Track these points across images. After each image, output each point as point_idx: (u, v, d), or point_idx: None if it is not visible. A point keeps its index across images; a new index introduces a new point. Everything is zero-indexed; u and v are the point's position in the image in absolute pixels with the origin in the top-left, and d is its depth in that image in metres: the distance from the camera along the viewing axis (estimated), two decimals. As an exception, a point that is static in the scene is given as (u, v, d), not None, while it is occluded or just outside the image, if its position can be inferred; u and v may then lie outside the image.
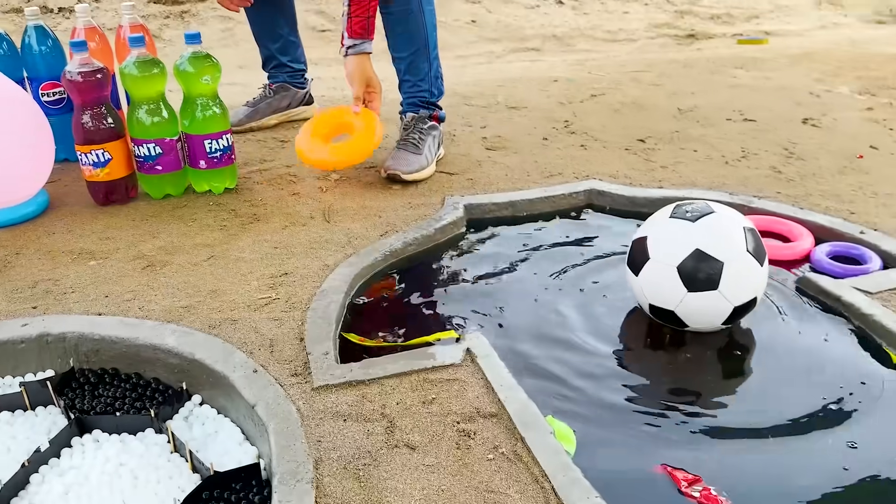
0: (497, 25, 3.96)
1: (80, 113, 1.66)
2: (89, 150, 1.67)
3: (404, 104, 2.09)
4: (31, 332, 1.25)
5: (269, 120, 2.33)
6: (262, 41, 2.35)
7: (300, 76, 2.39)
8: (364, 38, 1.85)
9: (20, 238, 1.60)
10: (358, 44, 1.85)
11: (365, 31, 1.84)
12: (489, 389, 1.12)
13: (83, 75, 1.63)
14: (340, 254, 1.54)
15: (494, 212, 1.78)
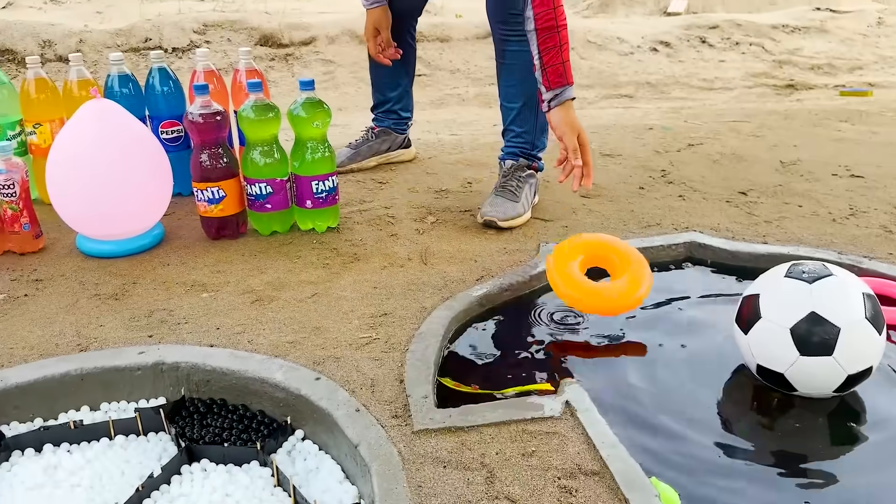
0: (590, 72, 3.97)
1: (199, 152, 1.76)
2: (205, 187, 1.76)
3: (505, 151, 2.11)
4: (148, 360, 1.32)
5: (368, 162, 2.40)
6: (380, 88, 2.41)
7: (404, 123, 2.45)
8: (563, 85, 1.78)
9: (137, 268, 1.69)
10: (559, 92, 1.78)
11: (562, 77, 1.77)
12: (590, 446, 1.10)
13: (204, 117, 1.73)
14: (437, 297, 1.57)
15: (591, 261, 1.77)
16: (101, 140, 1.64)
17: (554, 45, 1.75)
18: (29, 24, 4.07)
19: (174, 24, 4.05)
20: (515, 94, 2.03)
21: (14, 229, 1.72)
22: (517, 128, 2.07)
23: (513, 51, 1.97)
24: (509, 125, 2.09)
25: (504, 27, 1.96)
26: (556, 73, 1.76)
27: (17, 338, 1.40)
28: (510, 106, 2.06)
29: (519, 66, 1.96)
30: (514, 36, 1.94)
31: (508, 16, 1.92)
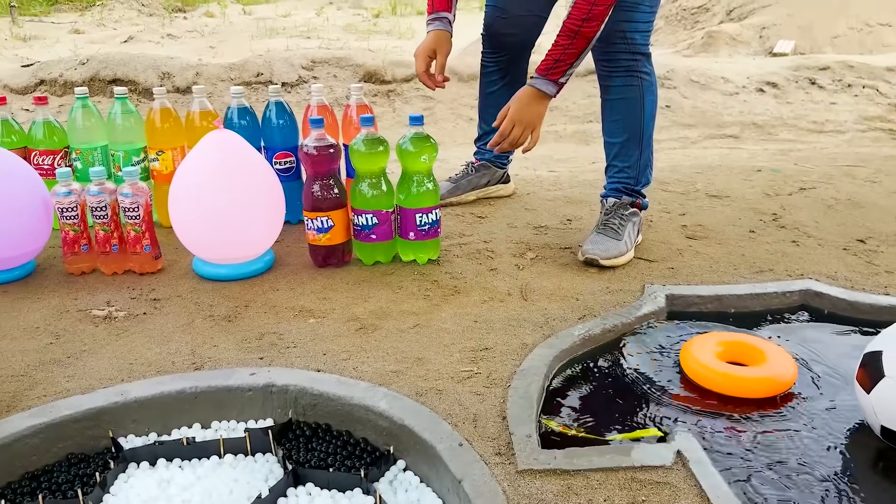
0: (693, 111, 3.89)
1: (312, 183, 1.82)
2: (315, 216, 1.81)
3: (607, 188, 2.09)
4: (258, 382, 1.36)
5: (468, 196, 2.42)
6: (487, 119, 2.40)
7: (505, 157, 2.46)
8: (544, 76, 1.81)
9: (249, 291, 1.75)
10: (537, 78, 1.83)
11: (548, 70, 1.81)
12: (704, 499, 1.06)
13: (318, 149, 1.79)
14: (538, 333, 1.55)
15: (698, 305, 1.71)
16: (222, 168, 1.73)
17: (563, 44, 1.79)
18: (150, 58, 4.34)
19: (284, 59, 4.23)
20: (618, 129, 2.02)
21: (136, 250, 1.82)
22: (620, 163, 2.05)
23: (616, 86, 1.97)
24: (612, 160, 2.07)
25: (606, 63, 1.97)
26: (547, 63, 1.82)
27: (136, 354, 1.48)
28: (613, 141, 2.05)
29: (622, 101, 1.97)
30: (617, 72, 1.95)
31: (609, 53, 1.93)
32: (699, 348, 1.47)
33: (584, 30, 1.76)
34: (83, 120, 2.10)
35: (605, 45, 1.93)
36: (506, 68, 2.28)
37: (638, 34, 1.92)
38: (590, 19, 1.75)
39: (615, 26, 1.87)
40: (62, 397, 1.32)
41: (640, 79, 1.96)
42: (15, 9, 7.89)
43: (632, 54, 1.93)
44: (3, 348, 1.50)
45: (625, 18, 1.88)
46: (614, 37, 1.89)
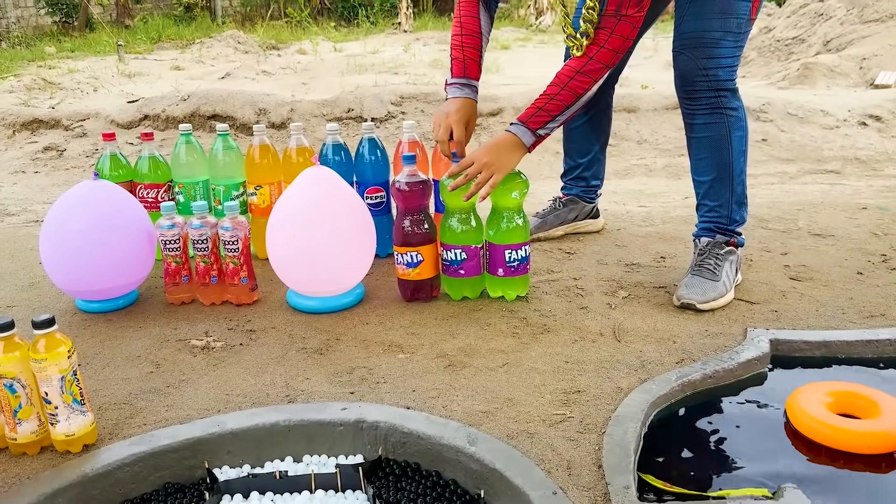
0: (791, 145, 3.75)
1: (402, 218, 1.83)
2: (405, 251, 1.82)
3: (700, 227, 2.01)
4: (350, 417, 1.36)
5: (555, 231, 2.39)
6: (571, 153, 2.40)
7: (593, 192, 2.42)
8: (524, 123, 1.80)
9: (340, 325, 1.77)
10: (516, 124, 1.80)
11: (529, 117, 1.79)
12: (820, 564, 0.98)
13: (410, 185, 1.81)
14: (634, 377, 1.50)
15: (805, 351, 1.62)
16: (318, 204, 1.76)
17: (550, 94, 1.78)
18: (247, 94, 4.53)
19: (374, 96, 4.33)
20: (706, 167, 1.95)
21: (233, 282, 1.87)
22: (710, 202, 1.97)
23: (700, 124, 1.91)
24: (702, 199, 2.00)
25: (689, 102, 1.92)
26: (529, 110, 1.80)
27: (232, 384, 1.51)
28: (701, 180, 1.98)
29: (707, 139, 1.91)
30: (701, 110, 1.89)
31: (690, 91, 1.89)
32: (807, 399, 1.38)
33: (574, 83, 1.75)
34: (186, 155, 2.20)
35: (686, 83, 1.89)
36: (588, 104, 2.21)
37: (721, 70, 1.84)
38: (583, 73, 1.75)
39: (696, 63, 1.84)
40: (161, 426, 1.36)
41: (725, 115, 1.89)
42: (122, 47, 8.41)
43: (715, 91, 1.86)
44: (107, 376, 1.56)
45: (706, 55, 1.82)
46: (696, 74, 1.85)
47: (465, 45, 1.92)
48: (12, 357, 1.24)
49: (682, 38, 1.87)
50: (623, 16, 1.70)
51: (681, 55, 1.88)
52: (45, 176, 3.98)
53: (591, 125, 2.32)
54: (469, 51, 1.92)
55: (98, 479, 1.24)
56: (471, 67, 1.93)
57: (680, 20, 1.86)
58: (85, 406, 1.29)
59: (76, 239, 1.77)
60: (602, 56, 1.74)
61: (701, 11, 1.82)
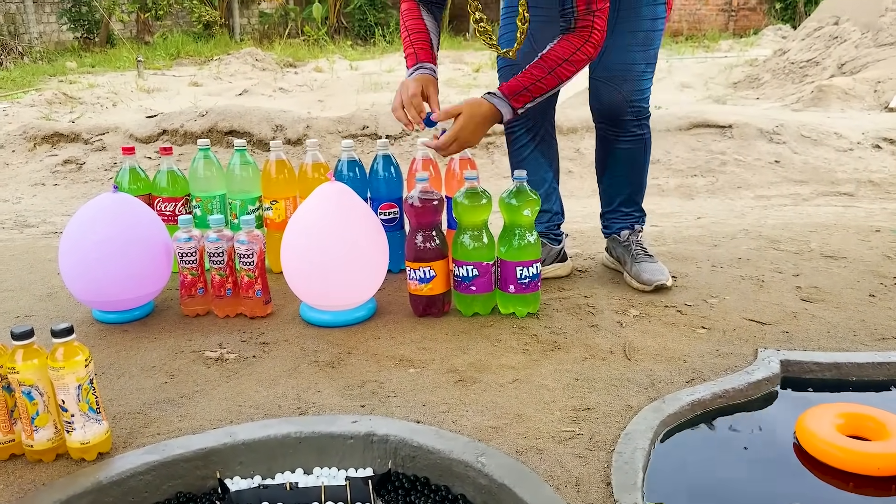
0: (804, 167, 3.75)
1: (415, 233, 1.85)
2: (417, 266, 1.84)
3: (615, 227, 2.19)
4: (360, 430, 1.37)
5: None
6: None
7: (556, 228, 2.21)
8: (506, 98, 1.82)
9: (352, 338, 1.79)
10: (498, 97, 1.83)
11: (512, 95, 1.82)
12: (828, 585, 0.98)
13: (422, 202, 1.83)
14: (643, 396, 1.50)
15: (815, 372, 1.62)
16: (333, 219, 1.78)
17: (536, 76, 1.81)
18: (264, 111, 4.59)
19: (389, 113, 4.38)
20: (624, 184, 2.15)
21: (248, 295, 1.90)
22: (626, 208, 2.18)
23: (623, 149, 2.09)
24: (618, 206, 2.19)
25: (614, 130, 2.08)
26: (514, 88, 1.82)
27: (245, 396, 1.52)
28: (618, 195, 2.17)
29: (628, 160, 2.12)
30: (624, 136, 2.06)
31: (618, 121, 2.04)
32: (817, 420, 1.38)
33: (560, 70, 1.81)
34: (204, 169, 2.23)
35: (612, 114, 2.04)
36: (533, 129, 2.12)
37: (643, 100, 2.02)
38: (570, 62, 1.80)
39: (622, 96, 1.99)
40: (174, 436, 1.38)
41: (643, 140, 2.08)
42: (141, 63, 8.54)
43: (638, 120, 2.05)
44: (122, 386, 1.59)
45: (631, 88, 1.98)
46: (622, 106, 2.00)
47: (414, 40, 1.96)
48: (31, 365, 1.26)
49: (606, 69, 1.98)
50: (595, 11, 1.76)
51: (605, 86, 2.00)
52: (64, 188, 4.04)
53: (541, 150, 2.15)
54: (418, 43, 1.95)
55: (111, 487, 1.26)
56: (422, 54, 1.94)
57: (603, 50, 1.90)
58: (100, 414, 1.31)
59: (95, 250, 1.80)
60: (587, 50, 1.80)
61: (625, 44, 1.94)
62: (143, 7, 11.64)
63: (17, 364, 1.26)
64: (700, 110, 4.40)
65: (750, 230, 2.70)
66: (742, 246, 2.49)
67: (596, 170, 2.23)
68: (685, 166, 3.86)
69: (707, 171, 3.77)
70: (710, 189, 3.61)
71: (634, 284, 2.08)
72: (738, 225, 2.83)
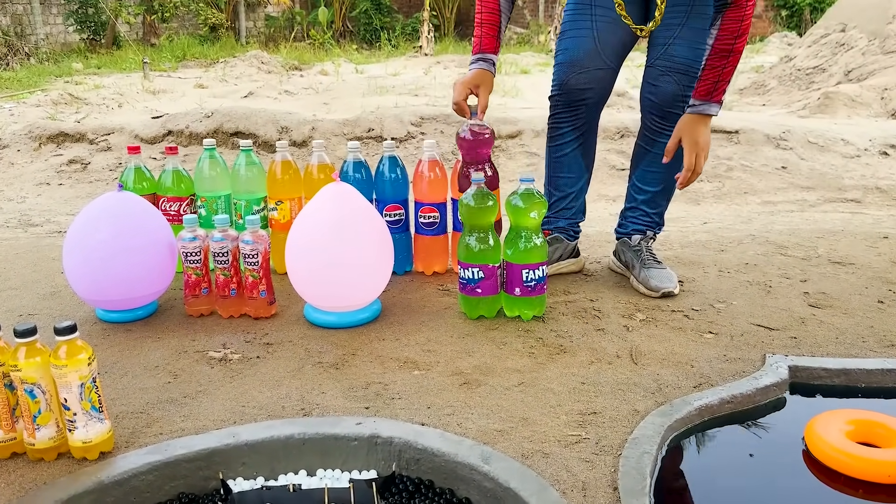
0: (811, 173, 3.73)
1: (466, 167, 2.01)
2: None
3: (629, 227, 2.18)
4: (364, 432, 1.36)
5: None
6: (559, 184, 2.19)
7: (576, 226, 2.25)
8: (707, 100, 1.89)
9: (356, 340, 1.78)
10: (699, 104, 1.91)
11: (709, 94, 1.89)
12: None
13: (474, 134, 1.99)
14: (650, 401, 1.49)
15: (824, 378, 1.60)
16: (338, 220, 1.77)
17: (719, 65, 1.85)
18: (270, 112, 4.58)
19: (394, 116, 4.37)
20: (656, 179, 2.12)
21: (252, 295, 1.89)
22: (648, 209, 2.16)
23: (664, 142, 2.03)
24: (640, 205, 2.18)
25: (662, 122, 2.05)
26: (707, 86, 1.87)
27: (248, 397, 1.51)
28: (647, 189, 2.15)
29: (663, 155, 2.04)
30: (668, 130, 2.02)
31: (668, 113, 2.02)
32: (826, 426, 1.37)
33: (736, 46, 1.83)
34: (209, 169, 2.23)
35: (665, 105, 2.02)
36: (581, 128, 2.10)
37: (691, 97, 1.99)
38: (741, 35, 1.83)
39: (680, 89, 1.99)
40: (177, 436, 1.37)
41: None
42: (147, 64, 8.55)
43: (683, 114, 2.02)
44: (125, 385, 1.58)
45: (689, 83, 1.98)
46: (677, 99, 2.00)
47: (484, 21, 2.00)
48: (34, 363, 1.25)
49: (670, 59, 1.98)
50: None
51: (665, 76, 2.00)
52: (69, 188, 4.04)
53: (583, 150, 2.14)
54: (486, 27, 2.00)
55: (113, 486, 1.25)
56: (487, 43, 2.01)
57: (670, 41, 1.94)
58: (103, 414, 1.30)
59: (99, 249, 1.79)
60: (748, 14, 1.80)
61: (694, 40, 1.94)
62: (149, 9, 11.66)
63: (19, 362, 1.25)
64: (706, 116, 4.38)
65: (757, 235, 2.69)
66: (749, 251, 2.47)
67: (630, 163, 2.20)
68: (691, 171, 3.85)
69: (713, 176, 3.75)
70: (716, 194, 3.59)
71: (642, 290, 2.07)
72: (744, 230, 2.82)
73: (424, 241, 2.22)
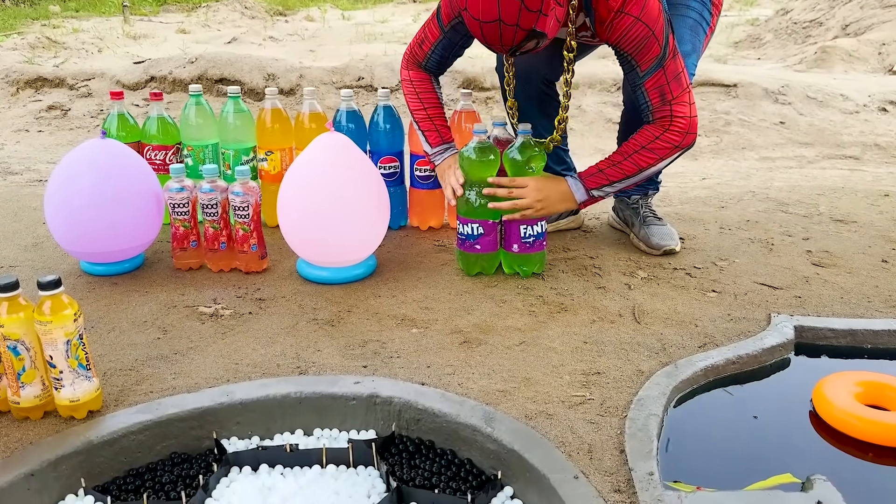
0: (809, 129, 3.67)
1: None
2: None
3: (627, 191, 2.08)
4: (363, 392, 1.32)
5: None
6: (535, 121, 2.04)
7: None
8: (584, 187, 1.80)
9: (351, 296, 1.73)
10: (578, 186, 1.81)
11: (591, 178, 1.79)
12: (855, 561, 0.94)
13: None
14: (654, 360, 1.45)
15: (830, 339, 1.57)
16: (334, 171, 1.70)
17: (613, 160, 1.76)
18: (256, 59, 4.44)
19: (385, 65, 4.25)
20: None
21: (243, 249, 1.82)
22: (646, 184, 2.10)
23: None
24: None
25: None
26: (591, 169, 1.79)
27: (241, 354, 1.46)
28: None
29: None
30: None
31: None
32: (835, 389, 1.34)
33: (638, 157, 1.74)
34: (196, 117, 2.14)
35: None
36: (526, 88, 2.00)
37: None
38: (648, 149, 1.73)
39: None
40: (168, 395, 1.32)
41: None
42: (127, 8, 8.28)
43: None
44: (112, 341, 1.52)
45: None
46: None
47: (432, 115, 1.95)
48: (16, 318, 1.19)
49: None
50: (672, 100, 1.69)
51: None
52: (48, 135, 3.91)
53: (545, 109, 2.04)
54: (438, 119, 1.95)
55: (103, 446, 1.20)
56: (444, 133, 1.95)
57: None
58: (90, 371, 1.25)
59: (82, 198, 1.72)
60: (669, 138, 1.71)
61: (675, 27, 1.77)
62: (128, -50, 11.25)
63: (1, 317, 1.18)
64: (704, 69, 4.30)
65: (757, 192, 2.64)
66: (750, 208, 2.43)
67: (618, 134, 2.12)
68: (688, 126, 3.78)
69: (711, 130, 3.69)
70: (714, 149, 3.54)
71: (642, 247, 2.02)
72: (744, 186, 2.77)
73: (420, 195, 2.16)
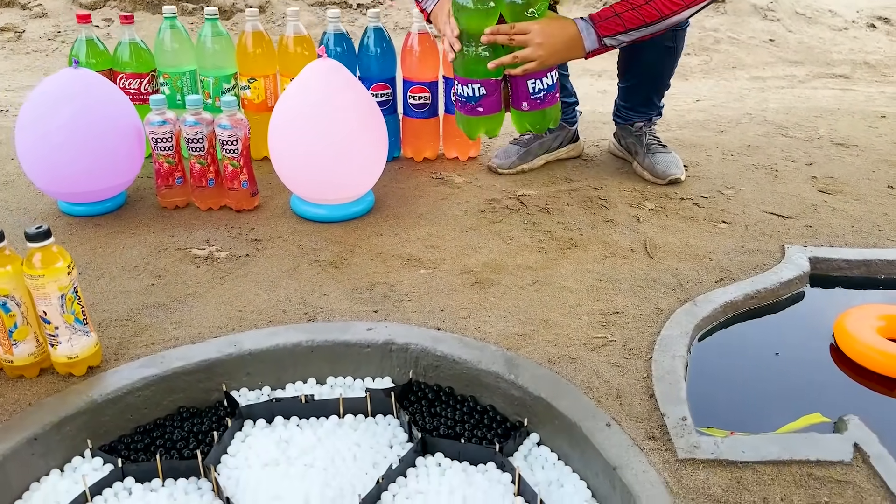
0: (799, 47, 3.60)
1: None
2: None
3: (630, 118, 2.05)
4: (377, 338, 1.26)
5: (538, 161, 2.08)
6: None
7: (571, 111, 2.11)
8: (593, 30, 1.63)
9: (352, 236, 1.65)
10: (586, 30, 1.63)
11: (599, 23, 1.63)
12: (893, 503, 0.93)
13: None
14: (672, 297, 1.42)
15: (844, 270, 1.55)
16: (329, 100, 1.59)
17: (633, 4, 1.60)
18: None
19: (360, -21, 4.03)
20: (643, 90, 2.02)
21: (233, 186, 1.72)
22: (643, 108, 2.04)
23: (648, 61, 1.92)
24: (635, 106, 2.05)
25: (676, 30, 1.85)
26: (605, 12, 1.63)
27: (244, 300, 1.39)
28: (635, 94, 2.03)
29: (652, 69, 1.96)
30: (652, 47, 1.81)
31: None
32: (858, 323, 1.32)
33: (661, 1, 1.58)
34: (172, 41, 1.98)
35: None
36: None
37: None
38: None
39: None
40: (171, 346, 1.25)
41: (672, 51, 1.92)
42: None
43: (673, 33, 1.84)
44: (103, 288, 1.43)
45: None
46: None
47: None
48: (4, 272, 1.10)
49: None
50: None
51: None
52: (3, 60, 3.67)
53: None
54: None
55: (107, 404, 1.14)
56: None
57: None
58: (87, 326, 1.17)
59: (57, 134, 1.59)
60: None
61: None
62: None
63: (-14, 272, 1.09)
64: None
65: (754, 115, 2.58)
66: (749, 132, 2.37)
67: (617, 66, 2.02)
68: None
69: (701, 49, 3.59)
70: (704, 69, 3.45)
71: (647, 176, 1.96)
72: (740, 109, 2.71)
73: (414, 125, 2.05)
